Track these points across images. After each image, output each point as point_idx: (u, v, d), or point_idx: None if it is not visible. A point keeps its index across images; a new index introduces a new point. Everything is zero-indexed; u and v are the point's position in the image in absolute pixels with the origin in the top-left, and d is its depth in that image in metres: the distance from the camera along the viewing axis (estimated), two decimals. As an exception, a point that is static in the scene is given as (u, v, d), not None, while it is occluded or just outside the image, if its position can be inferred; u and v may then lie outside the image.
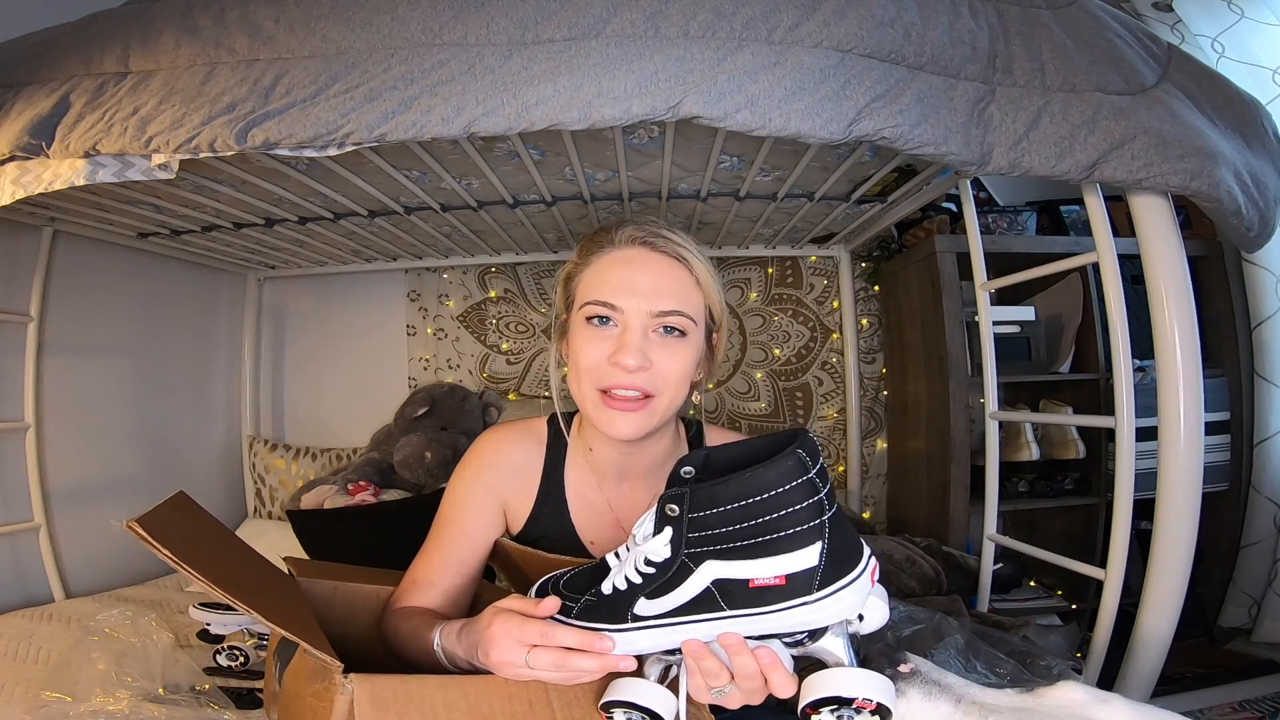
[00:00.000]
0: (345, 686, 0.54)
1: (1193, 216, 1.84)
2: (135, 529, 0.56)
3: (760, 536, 0.50)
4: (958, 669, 0.91)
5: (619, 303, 0.76)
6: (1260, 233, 0.97)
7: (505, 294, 2.22)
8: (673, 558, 0.53)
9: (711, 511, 0.51)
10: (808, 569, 0.50)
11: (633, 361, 0.74)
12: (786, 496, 0.49)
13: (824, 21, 0.80)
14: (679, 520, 0.52)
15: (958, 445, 1.72)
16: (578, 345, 0.79)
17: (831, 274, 2.18)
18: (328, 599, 0.88)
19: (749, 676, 0.54)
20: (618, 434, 0.77)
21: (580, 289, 0.81)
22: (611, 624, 0.57)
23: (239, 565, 0.75)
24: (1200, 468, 0.92)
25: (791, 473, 0.49)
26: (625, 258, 0.79)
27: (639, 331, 0.76)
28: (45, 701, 0.93)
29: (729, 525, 0.50)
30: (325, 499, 1.70)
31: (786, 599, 0.51)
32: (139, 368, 1.83)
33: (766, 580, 0.50)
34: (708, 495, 0.51)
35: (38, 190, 0.93)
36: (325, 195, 1.39)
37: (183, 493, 0.77)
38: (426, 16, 0.81)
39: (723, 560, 0.51)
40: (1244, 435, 1.79)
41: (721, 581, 0.52)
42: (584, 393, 0.79)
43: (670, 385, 0.77)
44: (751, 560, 0.50)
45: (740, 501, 0.50)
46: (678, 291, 0.78)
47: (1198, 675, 1.53)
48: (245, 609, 0.57)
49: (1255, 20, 1.63)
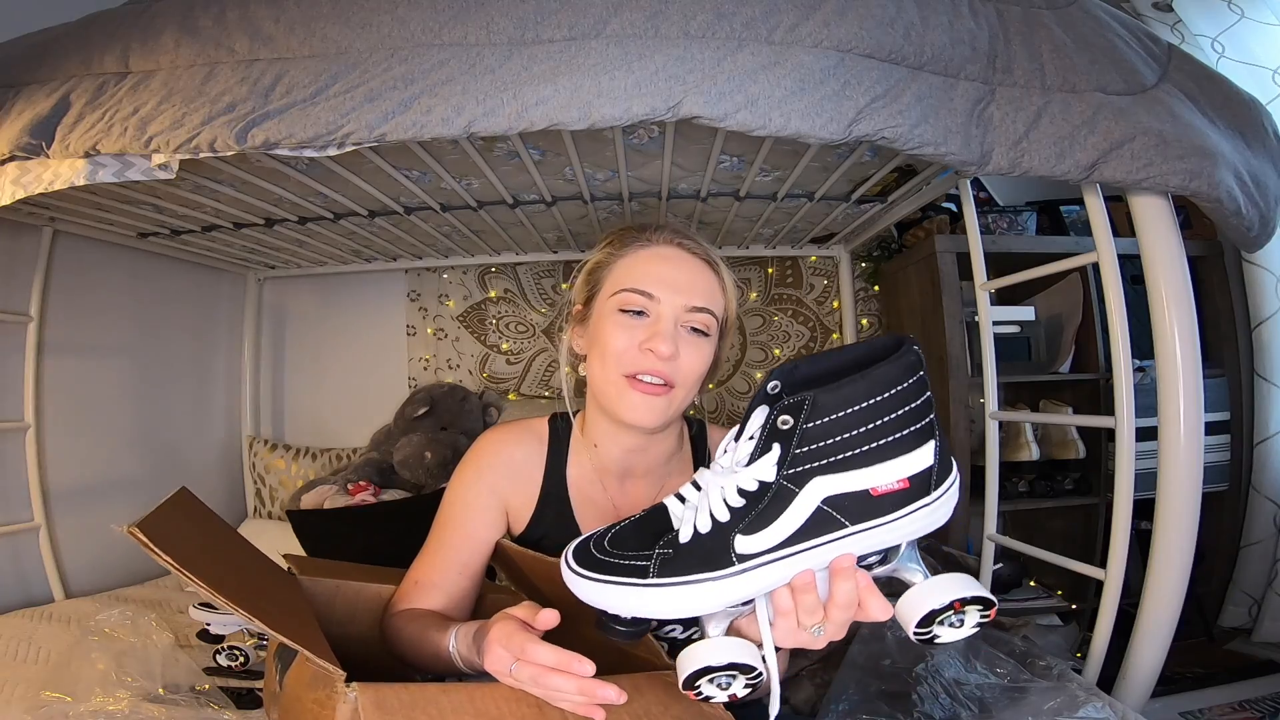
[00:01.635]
0: (347, 695, 0.53)
1: (1193, 216, 1.84)
2: (136, 534, 0.56)
3: (882, 439, 0.47)
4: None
5: (657, 293, 0.79)
6: (1260, 233, 0.97)
7: (505, 294, 2.22)
8: (770, 482, 0.49)
9: (830, 419, 0.47)
10: (926, 469, 0.48)
11: (667, 349, 0.76)
12: (906, 393, 0.47)
13: (824, 21, 0.80)
14: (791, 434, 0.48)
15: (958, 445, 1.72)
16: (607, 331, 0.80)
17: (831, 274, 2.18)
18: (329, 598, 0.88)
19: (847, 605, 0.50)
20: (639, 420, 0.78)
21: (612, 278, 0.83)
22: (713, 571, 0.50)
23: (241, 567, 0.75)
24: (1200, 468, 0.92)
25: (912, 368, 0.47)
26: (663, 254, 0.83)
27: (672, 322, 0.79)
28: (45, 701, 0.93)
29: (847, 432, 0.47)
30: (325, 499, 1.69)
31: (908, 503, 0.48)
32: (139, 368, 1.83)
33: (890, 486, 0.47)
34: (831, 400, 0.46)
35: (38, 190, 0.93)
36: (325, 195, 1.39)
37: (185, 489, 0.76)
38: (426, 16, 0.81)
39: (834, 474, 0.47)
40: (1244, 435, 1.79)
41: (836, 498, 0.48)
42: (609, 377, 0.80)
43: (690, 380, 0.80)
44: (871, 467, 0.47)
45: (865, 402, 0.46)
46: (709, 291, 0.82)
47: (1198, 675, 1.53)
48: (246, 616, 0.56)
49: (1255, 20, 1.63)
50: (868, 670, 0.92)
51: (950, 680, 0.89)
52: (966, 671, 0.91)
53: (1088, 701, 0.84)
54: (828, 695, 0.89)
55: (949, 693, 0.88)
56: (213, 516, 0.80)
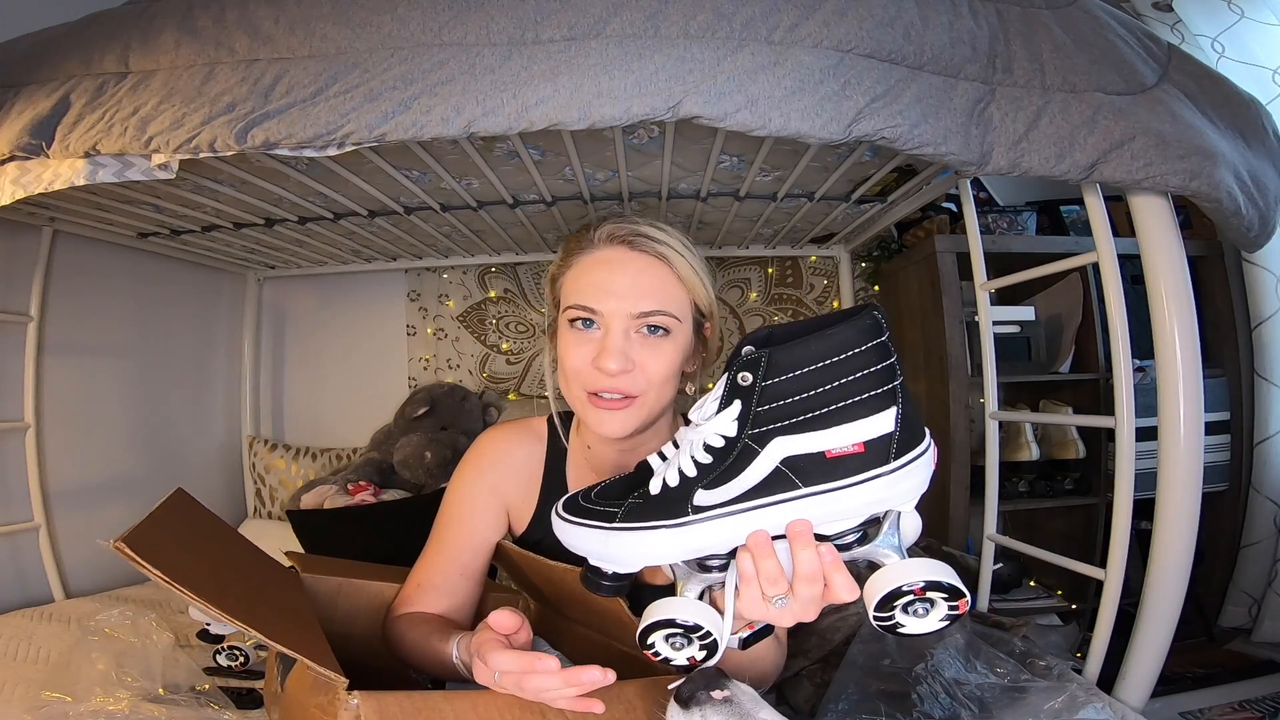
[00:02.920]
0: (349, 703, 0.53)
1: (1193, 216, 1.84)
2: (123, 550, 0.54)
3: (838, 402, 0.47)
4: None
5: (598, 306, 0.76)
6: (1260, 233, 0.97)
7: (505, 294, 2.22)
8: (736, 438, 0.50)
9: (787, 377, 0.48)
10: (885, 434, 0.48)
11: (614, 365, 0.74)
12: (864, 357, 0.47)
13: (824, 21, 0.80)
14: (750, 390, 0.49)
15: (958, 445, 1.72)
16: (563, 347, 0.79)
17: (831, 274, 2.18)
18: (331, 597, 0.88)
19: (811, 578, 0.50)
20: (607, 433, 0.78)
21: (564, 291, 0.81)
22: (668, 519, 0.52)
23: (240, 569, 0.74)
24: (1200, 468, 0.92)
25: (870, 332, 0.47)
26: (604, 259, 0.79)
27: (620, 334, 0.75)
28: (45, 701, 0.93)
29: (805, 392, 0.48)
30: (325, 499, 1.69)
31: (864, 469, 0.48)
32: (139, 368, 1.83)
33: (844, 449, 0.48)
34: (786, 358, 0.48)
35: (38, 190, 0.93)
36: (325, 195, 1.39)
37: (181, 491, 0.76)
38: (426, 16, 0.81)
39: (793, 435, 0.48)
40: (1244, 435, 1.79)
41: (793, 459, 0.49)
42: (573, 394, 0.79)
43: (655, 384, 0.77)
44: (827, 430, 0.48)
45: (821, 363, 0.47)
46: (658, 290, 0.77)
47: (1198, 675, 1.53)
48: (242, 625, 0.56)
49: (1255, 20, 1.63)
50: (867, 670, 0.92)
51: (950, 680, 0.89)
52: (966, 671, 0.91)
53: (1088, 702, 0.84)
54: (827, 695, 0.89)
55: (949, 693, 0.88)
56: (211, 518, 0.80)
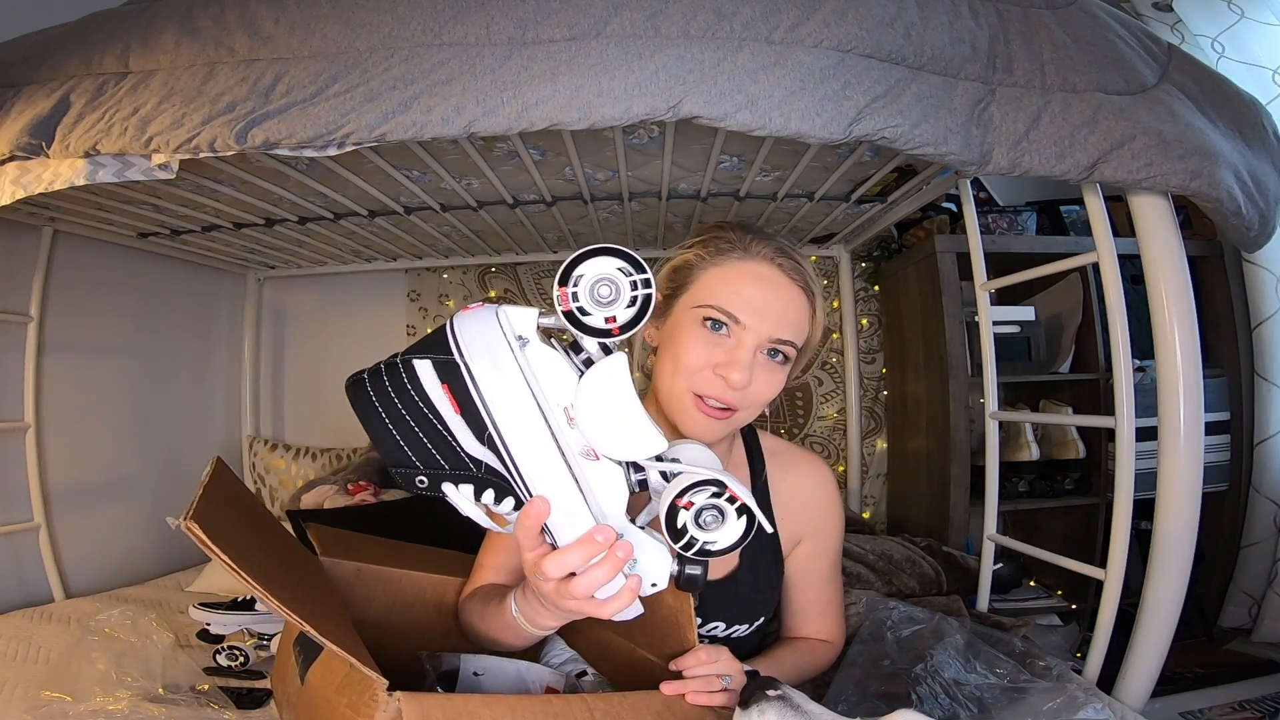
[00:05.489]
0: (389, 704, 0.52)
1: (1193, 216, 1.84)
2: (193, 530, 0.54)
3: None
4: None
5: (744, 319, 0.76)
6: (1260, 233, 0.97)
7: (505, 294, 2.22)
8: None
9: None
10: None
11: (740, 379, 0.74)
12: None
13: (824, 21, 0.80)
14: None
15: (958, 445, 1.71)
16: (684, 341, 0.78)
17: (831, 274, 2.18)
18: (349, 582, 0.88)
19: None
20: (699, 436, 0.77)
21: (699, 285, 0.79)
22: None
23: (280, 554, 0.74)
24: (1200, 468, 0.92)
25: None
26: (759, 273, 0.78)
27: (751, 349, 0.76)
28: (45, 701, 0.93)
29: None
30: (325, 499, 1.69)
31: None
32: (139, 367, 1.83)
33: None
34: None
35: (38, 190, 0.93)
36: (325, 195, 1.39)
37: (220, 460, 0.74)
38: (426, 16, 0.81)
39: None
40: (1244, 435, 1.79)
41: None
42: (676, 388, 0.78)
43: (757, 404, 0.78)
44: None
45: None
46: (799, 322, 0.79)
47: (1198, 675, 1.53)
48: (299, 621, 0.55)
49: (1255, 20, 1.63)
50: (867, 671, 0.92)
51: (950, 680, 0.89)
52: (966, 672, 0.91)
53: (1088, 702, 0.84)
54: (827, 696, 0.89)
55: (948, 693, 0.87)
56: (246, 493, 0.79)
